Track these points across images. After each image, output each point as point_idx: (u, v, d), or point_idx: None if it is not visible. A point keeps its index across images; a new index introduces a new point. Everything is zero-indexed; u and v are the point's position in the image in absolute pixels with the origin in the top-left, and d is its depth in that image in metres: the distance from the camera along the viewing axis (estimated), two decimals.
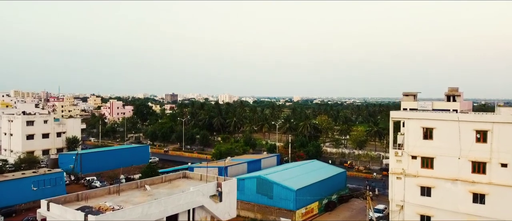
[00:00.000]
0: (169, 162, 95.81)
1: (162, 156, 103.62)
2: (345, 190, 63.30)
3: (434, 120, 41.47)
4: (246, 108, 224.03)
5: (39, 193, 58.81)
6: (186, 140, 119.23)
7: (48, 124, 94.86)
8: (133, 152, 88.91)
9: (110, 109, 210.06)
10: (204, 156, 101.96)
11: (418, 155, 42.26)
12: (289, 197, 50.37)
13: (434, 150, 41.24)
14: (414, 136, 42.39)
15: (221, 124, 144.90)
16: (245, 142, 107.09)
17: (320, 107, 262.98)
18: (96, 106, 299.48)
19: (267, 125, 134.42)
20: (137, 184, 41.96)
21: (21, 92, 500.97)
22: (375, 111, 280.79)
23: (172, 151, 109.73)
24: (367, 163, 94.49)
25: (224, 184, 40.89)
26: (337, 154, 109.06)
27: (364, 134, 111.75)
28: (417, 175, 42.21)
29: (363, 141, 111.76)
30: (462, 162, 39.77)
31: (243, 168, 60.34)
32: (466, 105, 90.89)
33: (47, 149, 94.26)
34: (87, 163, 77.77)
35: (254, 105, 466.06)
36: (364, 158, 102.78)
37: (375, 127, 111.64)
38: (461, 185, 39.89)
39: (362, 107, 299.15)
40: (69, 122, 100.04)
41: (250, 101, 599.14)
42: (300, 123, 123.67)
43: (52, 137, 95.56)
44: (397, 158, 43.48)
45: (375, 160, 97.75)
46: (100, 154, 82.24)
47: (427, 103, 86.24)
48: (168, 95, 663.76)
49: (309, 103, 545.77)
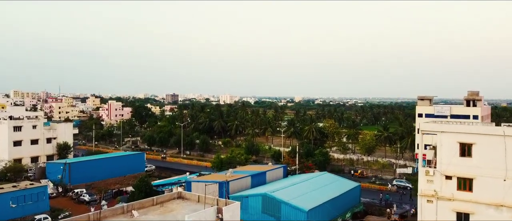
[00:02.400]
0: (166, 170, 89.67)
1: (159, 163, 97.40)
2: (359, 206, 57.04)
3: (473, 134, 35.13)
4: (248, 109, 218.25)
5: (19, 211, 52.76)
6: (185, 145, 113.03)
7: (37, 129, 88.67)
8: (127, 160, 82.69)
9: (108, 110, 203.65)
10: (203, 163, 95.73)
11: (453, 175, 35.94)
12: (300, 218, 44.09)
13: (473, 169, 34.93)
14: (449, 152, 36.06)
15: (222, 127, 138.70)
16: (247, 148, 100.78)
17: (324, 108, 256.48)
18: (95, 107, 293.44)
19: (270, 129, 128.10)
20: (123, 209, 35.68)
21: (20, 92, 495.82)
22: (380, 112, 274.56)
23: (170, 158, 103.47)
24: (378, 171, 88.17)
25: (225, 209, 34.60)
26: (345, 161, 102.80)
27: (373, 139, 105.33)
28: (453, 199, 35.90)
29: (372, 147, 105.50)
30: (509, 184, 33.48)
31: (246, 182, 54.09)
32: (486, 109, 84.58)
33: (36, 156, 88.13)
34: (77, 173, 71.53)
35: (256, 105, 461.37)
36: (375, 165, 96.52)
37: (385, 133, 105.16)
38: (507, 212, 33.60)
39: (366, 109, 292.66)
40: (60, 127, 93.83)
41: (252, 101, 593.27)
42: (305, 128, 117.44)
43: (42, 143, 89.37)
44: (428, 177, 37.16)
45: (387, 168, 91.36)
46: (91, 163, 75.98)
47: (444, 107, 79.95)
48: (169, 95, 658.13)
49: (311, 104, 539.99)
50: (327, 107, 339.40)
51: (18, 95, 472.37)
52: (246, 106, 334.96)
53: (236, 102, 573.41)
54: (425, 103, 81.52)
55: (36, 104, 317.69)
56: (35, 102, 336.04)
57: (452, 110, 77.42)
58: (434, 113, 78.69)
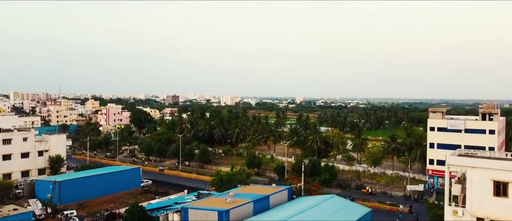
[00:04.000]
0: (163, 185, 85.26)
1: (156, 176, 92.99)
2: None
3: (511, 171, 30.58)
4: (249, 113, 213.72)
5: None
6: (184, 156, 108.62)
7: (28, 142, 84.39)
8: (122, 176, 78.33)
9: (106, 115, 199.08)
10: (202, 177, 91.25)
11: (486, 218, 31.44)
12: None
13: (510, 212, 30.40)
14: (481, 191, 31.56)
15: (223, 135, 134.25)
16: (249, 160, 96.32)
17: (327, 113, 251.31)
18: (94, 110, 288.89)
19: (272, 138, 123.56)
20: None
21: (20, 94, 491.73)
22: (383, 116, 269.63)
23: (168, 170, 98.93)
24: (387, 187, 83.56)
25: None
26: (351, 173, 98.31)
27: (380, 150, 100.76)
28: None
29: (379, 158, 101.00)
30: None
31: (248, 209, 49.56)
32: (501, 122, 79.95)
33: (26, 171, 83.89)
34: (68, 191, 67.15)
35: (257, 107, 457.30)
36: (382, 179, 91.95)
37: (392, 144, 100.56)
38: None
39: (369, 112, 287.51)
40: (53, 138, 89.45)
41: (253, 102, 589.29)
42: (309, 137, 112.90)
43: (33, 157, 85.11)
44: (456, 218, 32.61)
45: (396, 182, 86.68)
46: (83, 181, 71.51)
47: (458, 121, 75.27)
48: (170, 96, 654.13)
49: (313, 105, 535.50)
50: (329, 110, 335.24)
51: (18, 97, 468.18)
52: (247, 108, 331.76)
53: (237, 103, 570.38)
54: (438, 116, 76.86)
55: (35, 106, 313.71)
56: (35, 104, 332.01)
57: (467, 124, 72.70)
58: (447, 127, 74.13)
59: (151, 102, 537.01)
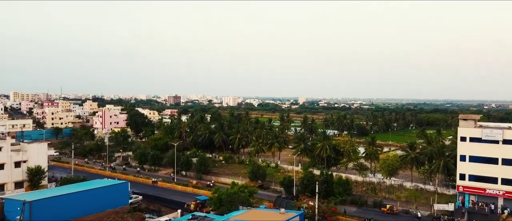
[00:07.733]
0: (155, 200, 75.61)
1: (148, 189, 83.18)
2: None
3: None
4: (252, 114, 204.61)
5: None
6: (181, 165, 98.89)
7: (3, 151, 74.31)
8: (107, 192, 68.35)
9: (102, 118, 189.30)
10: (200, 191, 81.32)
11: None
12: None
13: None
14: None
15: (224, 141, 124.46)
16: (252, 172, 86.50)
17: (332, 115, 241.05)
18: (92, 111, 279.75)
19: (277, 144, 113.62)
20: None
21: (20, 94, 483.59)
22: (391, 119, 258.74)
23: (162, 183, 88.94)
24: (409, 204, 73.51)
25: None
26: (365, 185, 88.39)
27: (397, 160, 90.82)
28: None
29: (396, 169, 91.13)
30: None
31: None
32: None
33: (1, 184, 74.16)
34: (41, 213, 57.19)
35: (259, 108, 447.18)
36: (401, 193, 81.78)
37: (411, 153, 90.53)
38: None
39: (376, 114, 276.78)
40: (32, 148, 79.63)
41: (255, 103, 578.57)
42: (317, 145, 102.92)
43: (9, 168, 75.14)
44: None
45: (419, 197, 76.46)
46: (59, 200, 61.42)
47: (495, 131, 64.85)
48: (171, 97, 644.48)
49: (316, 106, 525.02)
50: (334, 111, 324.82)
51: (17, 97, 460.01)
52: (249, 109, 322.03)
53: (239, 104, 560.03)
54: (469, 124, 66.70)
55: (33, 107, 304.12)
56: (33, 105, 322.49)
57: (505, 134, 62.61)
58: (482, 137, 64.05)
59: (152, 103, 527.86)
